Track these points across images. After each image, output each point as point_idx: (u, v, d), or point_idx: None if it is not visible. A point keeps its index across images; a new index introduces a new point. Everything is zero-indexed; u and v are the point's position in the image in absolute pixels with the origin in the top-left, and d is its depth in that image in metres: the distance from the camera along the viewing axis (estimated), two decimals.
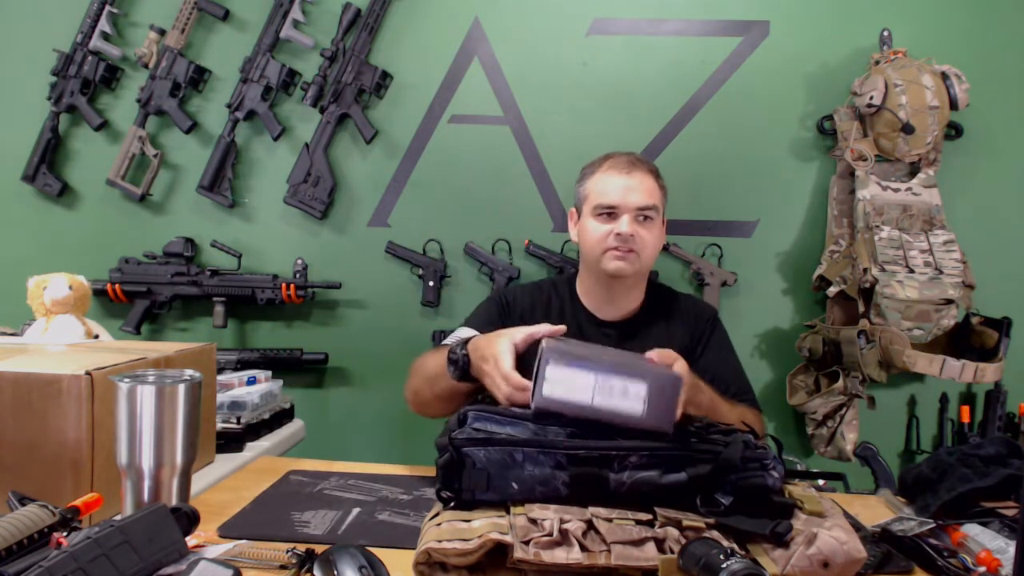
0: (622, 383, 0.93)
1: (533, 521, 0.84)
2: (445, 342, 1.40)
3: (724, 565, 0.71)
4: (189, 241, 2.20)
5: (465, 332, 1.39)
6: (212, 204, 2.23)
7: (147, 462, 0.95)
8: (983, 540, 0.93)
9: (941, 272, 1.92)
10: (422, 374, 1.34)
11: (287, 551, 0.87)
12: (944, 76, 1.96)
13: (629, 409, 0.93)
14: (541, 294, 1.55)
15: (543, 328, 1.14)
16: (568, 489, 0.89)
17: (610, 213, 1.42)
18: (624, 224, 1.40)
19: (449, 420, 0.97)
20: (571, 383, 0.93)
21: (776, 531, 0.83)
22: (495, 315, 1.50)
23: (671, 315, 1.52)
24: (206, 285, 2.18)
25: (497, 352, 1.12)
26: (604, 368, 0.94)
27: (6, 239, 2.29)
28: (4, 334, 1.51)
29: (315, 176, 2.19)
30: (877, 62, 2.03)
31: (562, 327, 1.14)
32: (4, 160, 2.26)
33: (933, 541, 0.94)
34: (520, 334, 1.14)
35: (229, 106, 2.18)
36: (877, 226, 1.97)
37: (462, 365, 1.20)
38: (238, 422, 1.49)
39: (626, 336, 1.47)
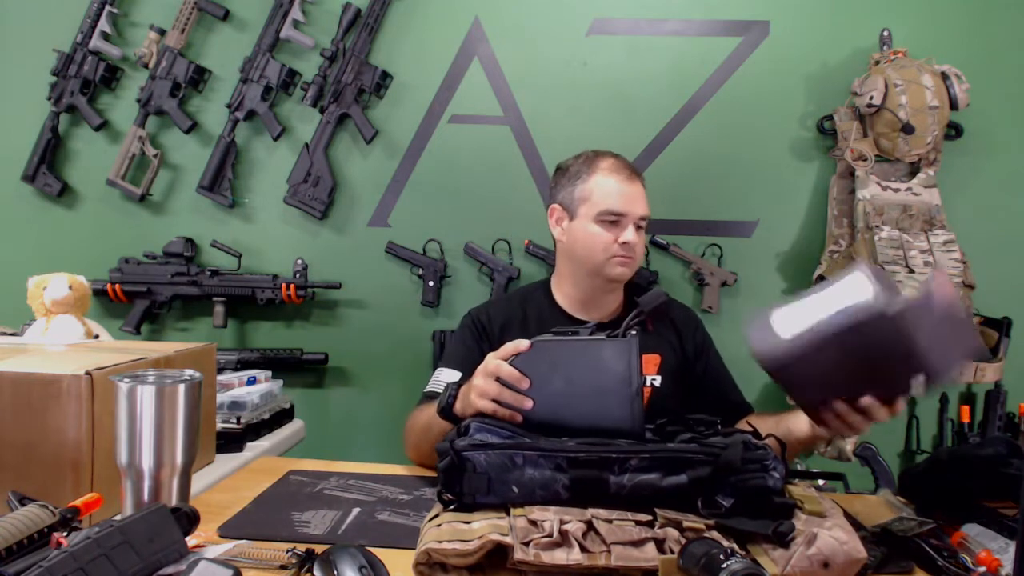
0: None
1: (533, 522, 0.84)
2: (427, 389, 1.40)
3: (724, 565, 0.71)
4: (189, 241, 2.20)
5: (447, 375, 1.38)
6: (212, 204, 2.23)
7: (147, 462, 0.95)
8: (983, 540, 0.93)
9: None
10: (417, 429, 1.31)
11: (287, 551, 0.87)
12: (944, 76, 1.96)
13: (859, 296, 0.90)
14: (514, 306, 1.53)
15: (508, 348, 1.03)
16: (568, 492, 0.89)
17: (615, 221, 1.41)
18: (630, 233, 1.41)
19: (449, 431, 0.97)
20: (794, 317, 0.95)
21: (779, 531, 0.83)
22: (471, 341, 1.47)
23: (659, 318, 1.53)
24: (206, 285, 2.18)
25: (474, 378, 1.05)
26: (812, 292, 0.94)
27: (6, 239, 2.29)
28: (4, 334, 1.51)
29: (315, 176, 2.19)
30: (877, 62, 2.03)
31: (525, 342, 1.02)
32: (4, 160, 2.25)
33: (933, 541, 0.94)
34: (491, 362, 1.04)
35: (229, 106, 2.18)
36: (877, 226, 1.97)
37: (447, 405, 1.12)
38: (238, 422, 1.49)
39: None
